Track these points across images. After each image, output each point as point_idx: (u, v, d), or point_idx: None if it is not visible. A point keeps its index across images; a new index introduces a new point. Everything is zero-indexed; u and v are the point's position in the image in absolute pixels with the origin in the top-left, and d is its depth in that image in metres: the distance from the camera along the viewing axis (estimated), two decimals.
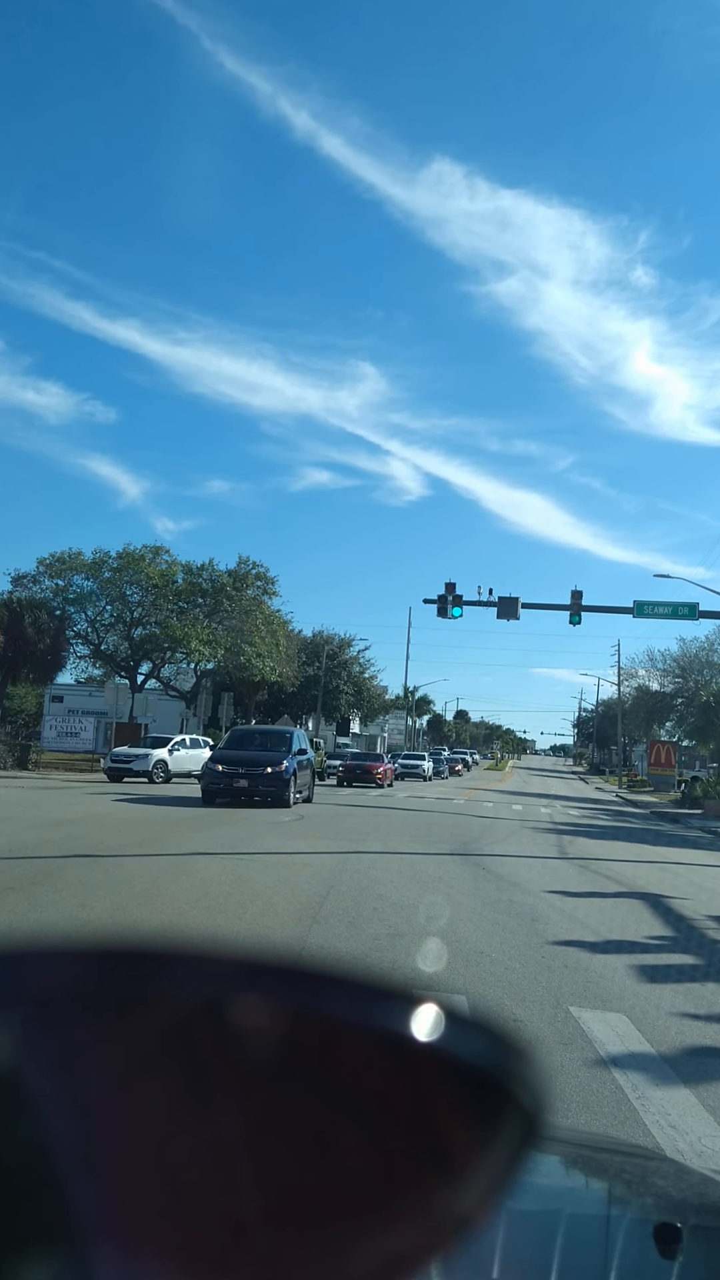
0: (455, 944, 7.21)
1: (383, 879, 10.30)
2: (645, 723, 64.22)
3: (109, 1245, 0.36)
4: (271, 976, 0.39)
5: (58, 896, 8.18)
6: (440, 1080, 0.38)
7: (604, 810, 31.69)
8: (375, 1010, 0.38)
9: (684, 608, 29.73)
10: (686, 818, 28.65)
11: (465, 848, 14.50)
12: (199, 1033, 0.37)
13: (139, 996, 0.38)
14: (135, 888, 8.84)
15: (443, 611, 28.91)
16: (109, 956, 0.39)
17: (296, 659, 49.55)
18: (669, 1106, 4.19)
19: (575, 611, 28.92)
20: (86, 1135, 0.36)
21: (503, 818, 22.66)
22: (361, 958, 6.39)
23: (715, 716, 43.37)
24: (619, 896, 10.66)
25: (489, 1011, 0.88)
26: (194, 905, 8.22)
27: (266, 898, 8.73)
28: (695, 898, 10.96)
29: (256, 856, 11.68)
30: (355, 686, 60.56)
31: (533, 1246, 1.10)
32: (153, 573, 41.00)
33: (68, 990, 0.38)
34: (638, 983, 6.43)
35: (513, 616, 28.93)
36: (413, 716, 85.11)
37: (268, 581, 43.92)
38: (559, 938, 7.73)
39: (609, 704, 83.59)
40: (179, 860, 10.77)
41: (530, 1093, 0.39)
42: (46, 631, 39.74)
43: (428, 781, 45.84)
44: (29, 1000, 0.38)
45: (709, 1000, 6.21)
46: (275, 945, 0.42)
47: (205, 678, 43.68)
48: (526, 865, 12.94)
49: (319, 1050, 0.37)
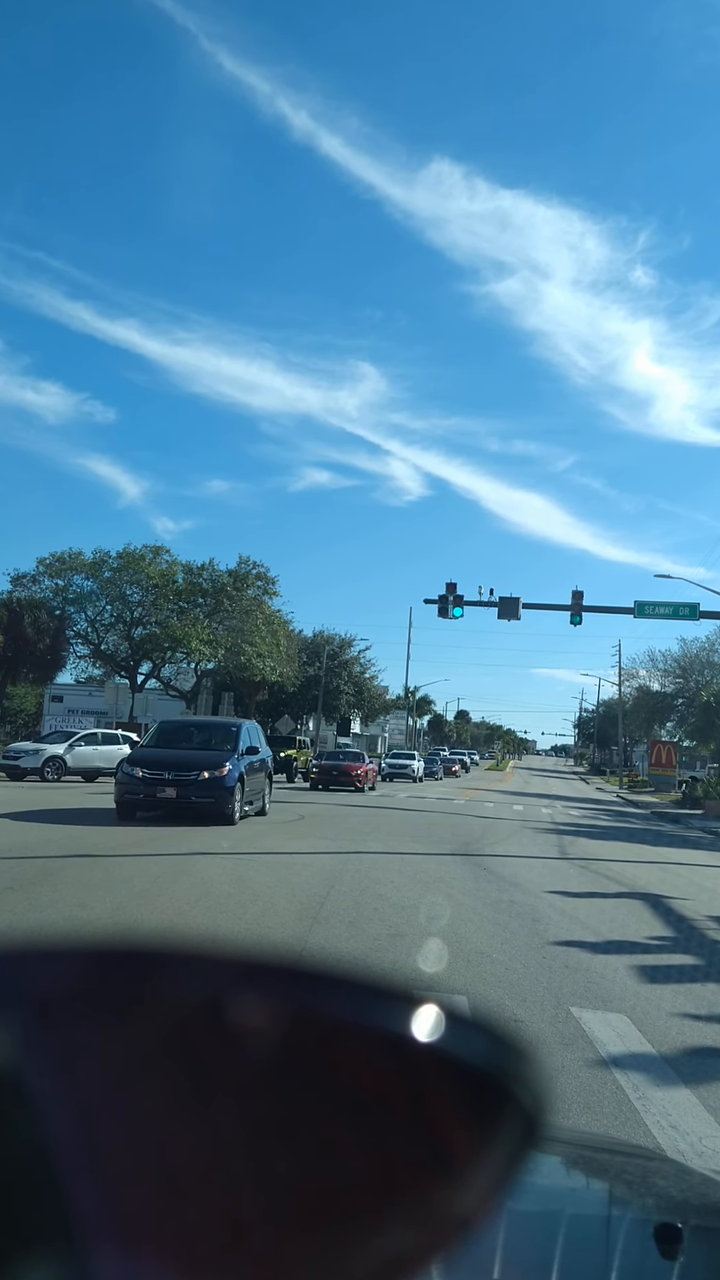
0: (456, 944, 7.21)
1: (383, 879, 10.30)
2: (646, 723, 64.21)
3: (109, 1245, 0.36)
4: (271, 976, 0.39)
5: (58, 896, 8.18)
6: (440, 1080, 0.38)
7: (605, 811, 31.69)
8: (375, 1010, 0.38)
9: (684, 608, 29.73)
10: (687, 818, 28.65)
11: (466, 848, 14.50)
12: (199, 1033, 0.37)
13: (139, 996, 0.38)
14: (135, 887, 8.85)
15: (443, 611, 28.91)
16: (109, 956, 0.39)
17: (297, 659, 49.54)
18: (670, 1107, 4.19)
19: (576, 612, 28.93)
20: (86, 1135, 0.36)
21: (503, 818, 22.65)
22: (362, 958, 6.39)
23: (716, 717, 43.38)
24: (620, 897, 10.66)
25: (489, 1012, 0.88)
26: (194, 905, 8.22)
27: (267, 898, 8.73)
28: (696, 898, 10.96)
29: (257, 856, 11.68)
30: (356, 687, 60.55)
31: (533, 1247, 1.10)
32: (153, 573, 41.02)
33: (68, 990, 0.38)
34: (638, 983, 6.43)
35: (513, 617, 28.93)
36: (413, 717, 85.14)
37: (268, 581, 43.94)
38: (560, 938, 7.73)
39: (610, 704, 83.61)
40: (179, 860, 10.78)
41: (531, 1093, 0.39)
42: (46, 631, 39.77)
43: (418, 783, 42.82)
44: (29, 1000, 0.38)
45: (709, 1000, 6.21)
46: (275, 945, 0.42)
47: (205, 678, 43.70)
48: (527, 865, 12.94)
49: (319, 1050, 0.37)
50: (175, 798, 14.91)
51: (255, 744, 16.93)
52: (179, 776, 14.96)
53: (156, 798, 14.97)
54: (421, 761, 47.52)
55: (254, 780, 16.52)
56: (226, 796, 15.01)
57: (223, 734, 16.80)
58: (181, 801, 14.87)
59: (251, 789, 16.33)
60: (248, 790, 15.98)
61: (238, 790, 15.26)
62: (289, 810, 19.55)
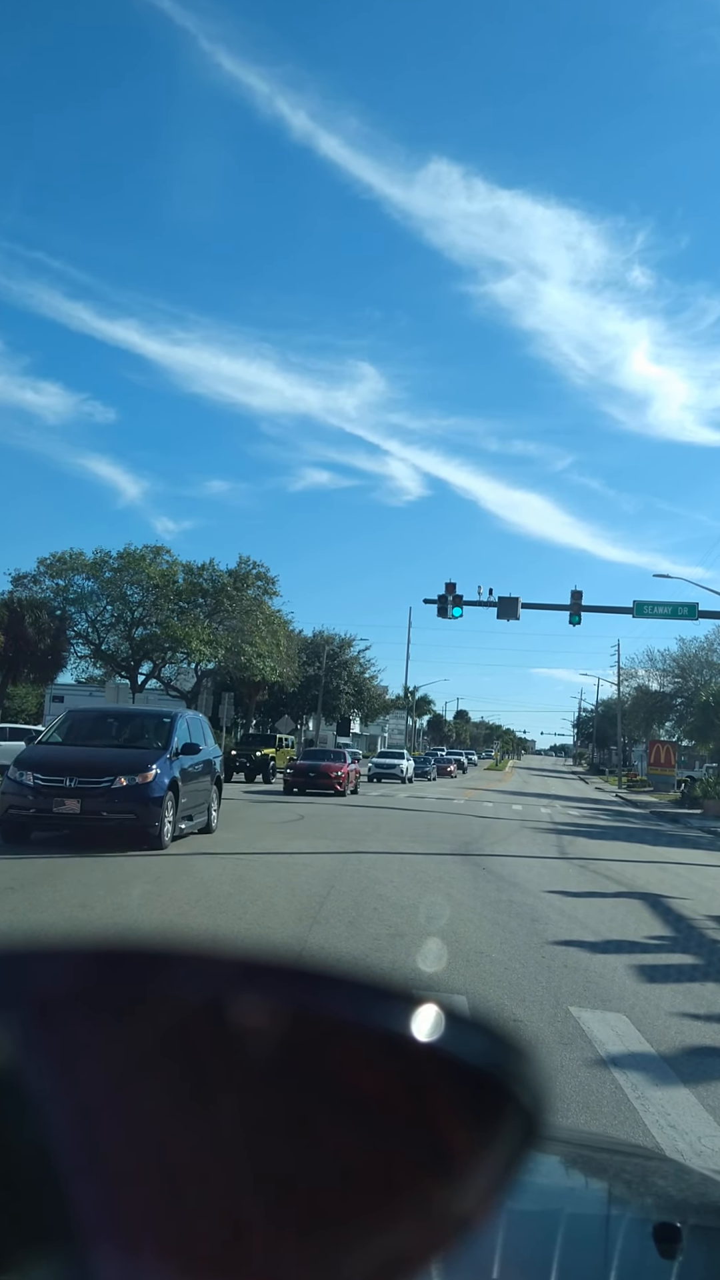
0: (455, 944, 7.21)
1: (383, 879, 10.31)
2: (645, 723, 64.23)
3: (109, 1245, 0.36)
4: (271, 976, 0.39)
5: (58, 896, 8.18)
6: (440, 1080, 0.38)
7: (604, 810, 31.70)
8: (375, 1010, 0.38)
9: (683, 608, 29.73)
10: (686, 818, 28.66)
11: (465, 848, 14.50)
12: (199, 1033, 0.37)
13: (139, 996, 0.38)
14: (135, 887, 8.85)
15: (443, 611, 28.91)
16: (109, 956, 0.39)
17: (297, 659, 49.54)
18: (669, 1106, 4.19)
19: (575, 611, 28.93)
20: (86, 1135, 0.36)
21: (503, 818, 22.66)
22: (362, 958, 6.39)
23: (715, 716, 43.36)
24: (619, 896, 10.66)
25: (489, 1011, 0.88)
26: (194, 905, 8.22)
27: (267, 898, 8.73)
28: (695, 898, 10.97)
29: (257, 856, 11.68)
30: (356, 686, 60.57)
31: (533, 1246, 1.10)
32: (153, 573, 41.02)
33: (68, 990, 0.38)
34: (637, 983, 6.43)
35: (513, 616, 28.92)
36: (413, 716, 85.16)
37: (268, 581, 43.93)
38: (559, 938, 7.74)
39: (609, 704, 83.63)
40: (179, 860, 10.77)
41: (530, 1093, 0.39)
42: (47, 631, 39.78)
43: (408, 784, 40.09)
44: (29, 1000, 0.38)
45: (709, 1000, 6.21)
46: (275, 945, 0.42)
47: (206, 678, 43.69)
48: (526, 865, 12.94)
49: (319, 1050, 0.37)
50: (80, 813, 11.11)
51: (196, 740, 13.27)
52: (86, 784, 11.16)
53: (54, 813, 11.17)
54: (411, 761, 44.37)
55: (194, 787, 12.92)
56: (152, 810, 11.24)
57: (151, 727, 12.99)
58: (89, 818, 11.12)
59: (191, 799, 12.67)
60: (185, 801, 12.31)
61: (168, 801, 11.53)
62: (288, 810, 19.55)
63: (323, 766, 26.96)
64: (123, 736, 12.95)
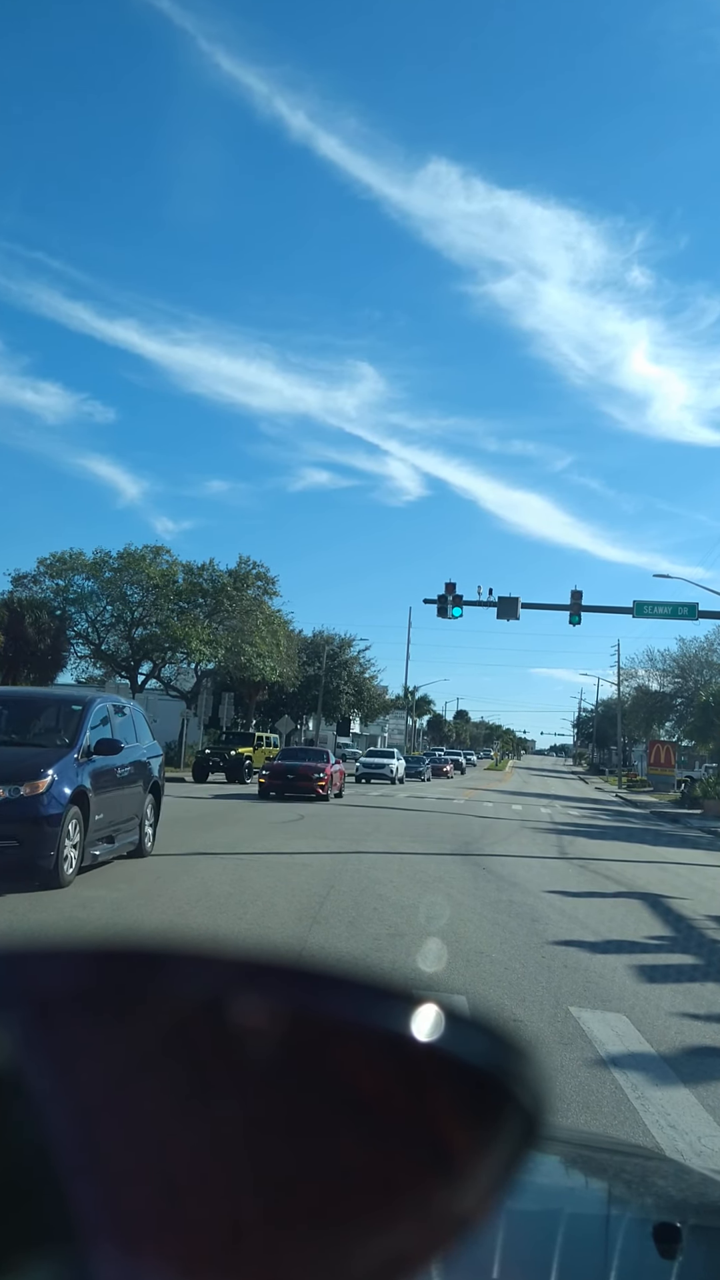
0: (455, 944, 7.22)
1: (383, 879, 10.31)
2: (645, 723, 64.26)
3: (109, 1245, 0.36)
4: (271, 976, 0.39)
5: (58, 896, 8.18)
6: (440, 1080, 0.38)
7: (604, 810, 31.71)
8: (375, 1010, 0.38)
9: (683, 608, 29.74)
10: (686, 818, 28.67)
11: (465, 848, 14.51)
12: (199, 1033, 0.37)
13: (139, 996, 0.38)
14: (135, 887, 8.85)
15: (443, 611, 28.91)
16: (109, 956, 0.39)
17: (297, 659, 49.55)
18: (669, 1106, 4.20)
19: (575, 611, 28.93)
20: (87, 1135, 0.36)
21: (503, 818, 22.66)
22: (362, 958, 6.39)
23: (715, 716, 43.36)
24: (619, 896, 10.66)
25: (489, 1011, 0.88)
26: (194, 905, 8.22)
27: (267, 898, 8.74)
28: (695, 898, 10.97)
29: (257, 856, 11.69)
30: (356, 686, 60.57)
31: (533, 1246, 1.10)
32: (153, 573, 41.05)
33: (68, 990, 0.38)
34: (637, 983, 6.43)
35: (512, 616, 28.93)
36: (413, 716, 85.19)
37: (268, 581, 43.97)
38: (559, 938, 7.74)
39: (609, 704, 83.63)
40: (179, 860, 10.78)
41: (530, 1093, 0.39)
42: (47, 631, 39.74)
43: (399, 785, 37.93)
44: (29, 1000, 0.38)
45: (709, 1000, 6.21)
46: (275, 945, 0.42)
47: (206, 678, 43.70)
48: (526, 865, 12.94)
49: (319, 1050, 0.37)
50: None
51: (121, 736, 9.98)
52: None
53: None
54: (402, 761, 41.50)
55: (118, 798, 9.77)
56: (41, 835, 8.14)
57: (52, 717, 9.82)
58: None
59: (112, 814, 9.56)
60: (101, 818, 9.20)
61: (66, 823, 8.37)
62: (289, 810, 19.55)
63: (302, 768, 23.41)
64: (11, 731, 9.51)
